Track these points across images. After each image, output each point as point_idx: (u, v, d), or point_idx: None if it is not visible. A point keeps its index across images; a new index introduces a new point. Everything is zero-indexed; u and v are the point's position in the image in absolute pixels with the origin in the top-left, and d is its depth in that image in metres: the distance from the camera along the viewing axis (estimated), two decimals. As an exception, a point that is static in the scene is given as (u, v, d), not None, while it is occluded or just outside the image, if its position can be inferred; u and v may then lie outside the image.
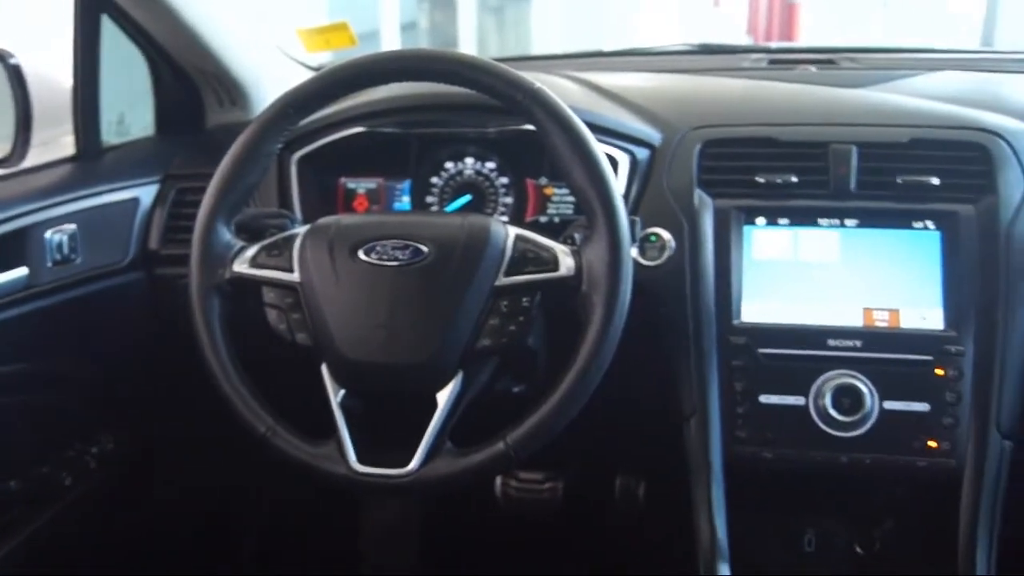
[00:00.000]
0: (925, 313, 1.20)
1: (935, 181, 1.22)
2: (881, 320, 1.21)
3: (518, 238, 1.09)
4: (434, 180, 1.43)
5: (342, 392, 1.08)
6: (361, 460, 1.05)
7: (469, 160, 1.43)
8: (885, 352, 1.19)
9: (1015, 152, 1.23)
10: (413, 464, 1.04)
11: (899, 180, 1.23)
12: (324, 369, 1.09)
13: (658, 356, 1.26)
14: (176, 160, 1.50)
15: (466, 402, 1.08)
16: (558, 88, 1.19)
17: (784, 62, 1.59)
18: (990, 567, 1.18)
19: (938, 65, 1.58)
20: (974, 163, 1.23)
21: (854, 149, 1.24)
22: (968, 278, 1.19)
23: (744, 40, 9.02)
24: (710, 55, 1.70)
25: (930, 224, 1.22)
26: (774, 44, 1.90)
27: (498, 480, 1.71)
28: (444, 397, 1.05)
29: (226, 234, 1.13)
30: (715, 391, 1.21)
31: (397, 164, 1.44)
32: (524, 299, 1.06)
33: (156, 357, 1.47)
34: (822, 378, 1.19)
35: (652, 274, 1.22)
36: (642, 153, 1.31)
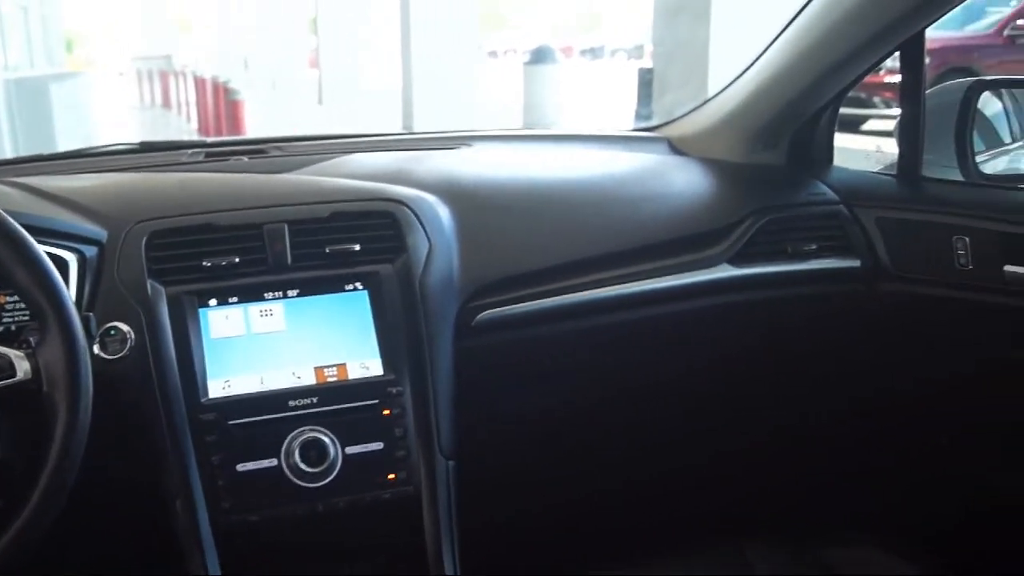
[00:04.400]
0: (367, 363, 1.28)
1: (357, 247, 1.31)
2: (331, 375, 1.26)
3: None
4: None
5: None
6: None
7: None
8: (339, 403, 1.24)
9: (418, 216, 1.36)
10: None
11: (327, 250, 1.30)
12: None
13: (137, 445, 1.21)
14: None
15: None
16: None
17: (219, 154, 1.61)
18: (456, 570, 1.28)
19: (357, 148, 1.68)
20: (386, 228, 1.34)
21: (285, 227, 1.30)
22: (396, 326, 1.29)
23: (196, 137, 9.00)
24: (151, 152, 1.68)
25: (359, 285, 1.30)
26: (210, 139, 1.91)
27: None
28: None
29: None
30: (194, 468, 1.19)
31: None
32: None
33: None
34: (289, 437, 1.21)
35: (117, 367, 1.18)
36: (90, 251, 1.26)
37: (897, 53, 1.54)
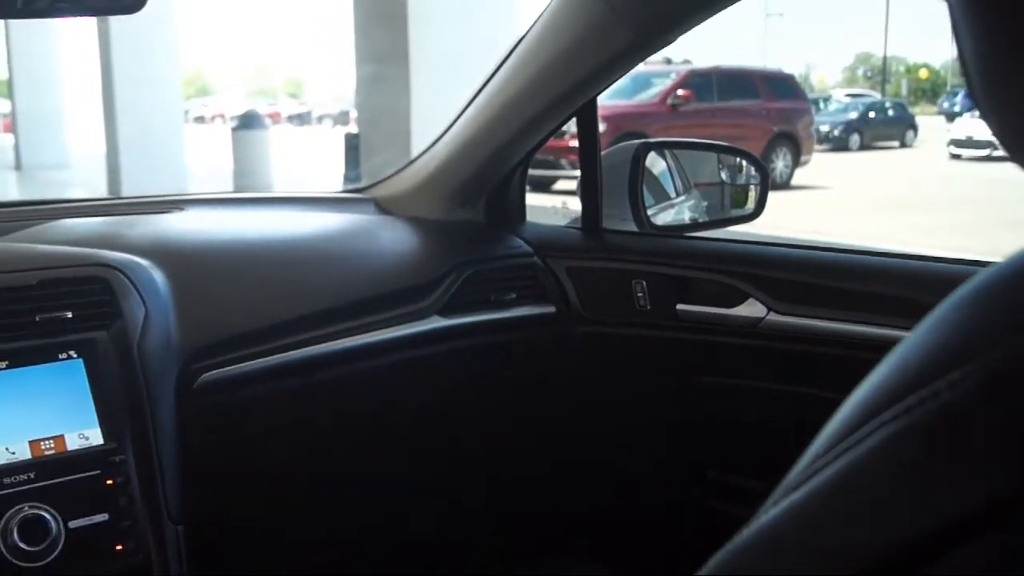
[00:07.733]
0: (86, 432, 1.20)
1: (69, 315, 1.24)
2: (48, 448, 1.17)
3: None
4: None
5: None
6: None
7: None
8: (58, 477, 1.16)
9: (132, 281, 1.31)
10: None
11: (37, 318, 1.22)
12: None
13: None
14: None
15: None
16: None
17: None
18: None
19: (65, 213, 1.59)
20: (100, 294, 1.27)
21: None
22: (115, 394, 1.23)
23: None
24: None
25: (73, 353, 1.23)
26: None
27: None
28: None
29: None
30: None
31: None
32: None
33: None
34: (6, 516, 1.11)
35: None
36: None
37: (574, 119, 1.68)
